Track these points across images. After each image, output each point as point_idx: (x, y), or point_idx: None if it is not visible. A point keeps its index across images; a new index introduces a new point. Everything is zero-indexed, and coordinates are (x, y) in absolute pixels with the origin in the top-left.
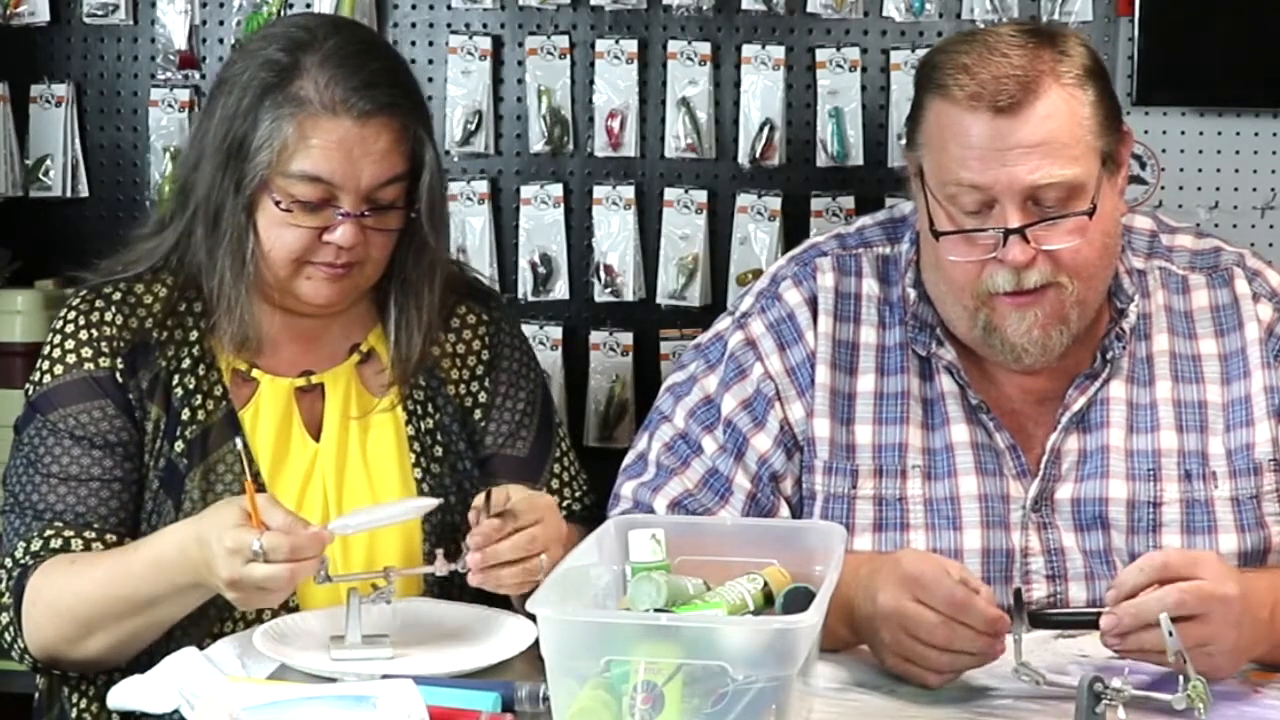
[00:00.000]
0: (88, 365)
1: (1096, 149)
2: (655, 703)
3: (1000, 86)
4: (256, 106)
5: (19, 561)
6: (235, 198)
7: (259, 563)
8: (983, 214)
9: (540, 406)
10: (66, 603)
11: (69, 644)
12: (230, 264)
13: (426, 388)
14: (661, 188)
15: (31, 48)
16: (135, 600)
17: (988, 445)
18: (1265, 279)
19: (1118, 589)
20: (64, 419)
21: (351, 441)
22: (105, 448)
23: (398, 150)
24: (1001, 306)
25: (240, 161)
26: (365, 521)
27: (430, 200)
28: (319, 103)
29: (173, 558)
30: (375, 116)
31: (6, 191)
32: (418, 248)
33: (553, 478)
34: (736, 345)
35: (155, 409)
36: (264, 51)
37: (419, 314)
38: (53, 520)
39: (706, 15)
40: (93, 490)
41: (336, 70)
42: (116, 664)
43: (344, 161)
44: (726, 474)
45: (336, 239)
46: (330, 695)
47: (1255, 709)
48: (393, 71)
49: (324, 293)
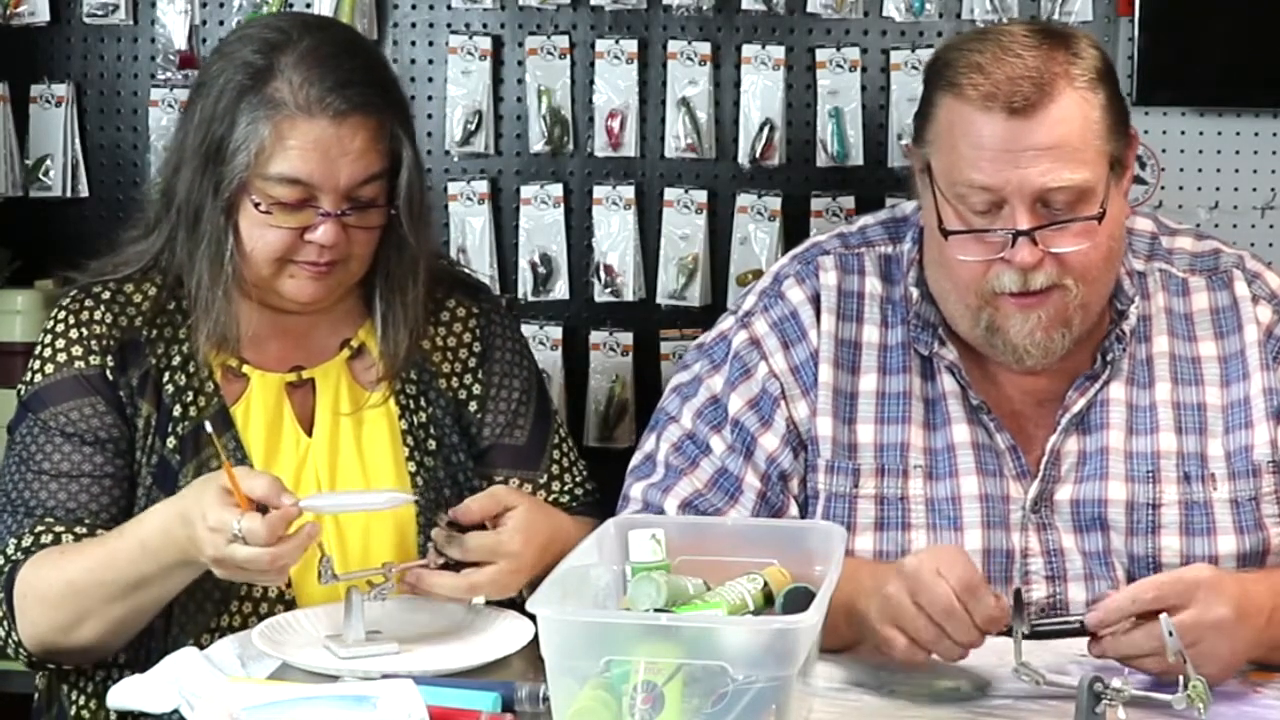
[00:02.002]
0: (78, 364)
1: (1106, 153)
2: (655, 703)
3: (1015, 88)
4: (233, 109)
5: (10, 558)
6: (214, 200)
7: (240, 544)
8: (991, 214)
9: (536, 395)
10: (57, 591)
11: (62, 632)
12: (208, 266)
13: (418, 382)
14: (661, 188)
15: (31, 48)
16: (124, 582)
17: (988, 446)
18: (1264, 281)
19: (1104, 613)
20: (54, 417)
21: (345, 436)
22: (96, 444)
23: (375, 149)
24: (1006, 307)
25: (218, 165)
26: (338, 504)
27: (409, 197)
28: (294, 104)
29: (158, 538)
30: (351, 115)
31: (6, 191)
32: (398, 244)
33: (552, 464)
34: (741, 344)
35: (146, 406)
36: (239, 53)
37: (404, 309)
38: (44, 516)
39: (706, 15)
40: (84, 486)
41: (311, 71)
42: (111, 651)
43: (321, 162)
44: (736, 473)
45: (318, 238)
46: (330, 695)
47: (1255, 709)
48: (368, 69)
49: (308, 291)
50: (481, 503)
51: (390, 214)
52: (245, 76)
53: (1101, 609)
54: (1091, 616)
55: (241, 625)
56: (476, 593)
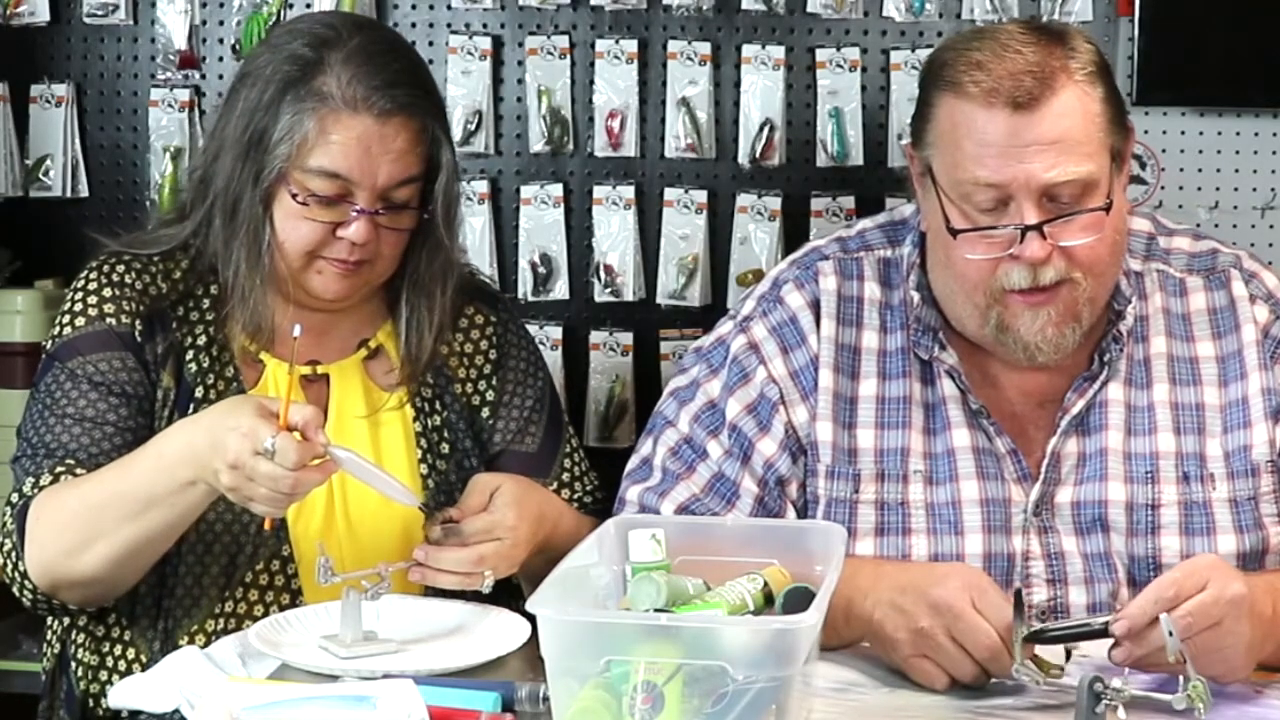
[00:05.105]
0: (109, 320)
1: (1108, 145)
2: (655, 703)
3: (1017, 83)
4: (278, 100)
5: (25, 494)
6: (253, 189)
7: (264, 459)
8: (997, 211)
9: (548, 404)
10: (70, 508)
11: (69, 556)
12: (245, 255)
13: (434, 385)
14: (661, 188)
15: (31, 48)
16: (135, 496)
17: (988, 450)
18: (1262, 280)
19: (1131, 620)
20: (83, 365)
21: (360, 436)
22: (123, 396)
23: (415, 151)
24: (1014, 305)
25: (260, 154)
26: (361, 468)
27: (446, 202)
28: (341, 99)
29: (177, 449)
30: (395, 115)
31: (6, 191)
32: (432, 248)
33: (563, 472)
34: (739, 349)
35: (167, 378)
36: (288, 46)
37: (430, 314)
38: (64, 458)
39: (706, 15)
40: (106, 435)
41: (360, 68)
42: (113, 590)
43: (362, 158)
44: (733, 478)
45: (350, 235)
46: (330, 695)
47: (1255, 709)
48: (413, 71)
49: (334, 287)
50: (472, 497)
51: (424, 218)
52: (293, 68)
53: (1127, 616)
54: (1119, 626)
55: (247, 613)
56: (484, 564)
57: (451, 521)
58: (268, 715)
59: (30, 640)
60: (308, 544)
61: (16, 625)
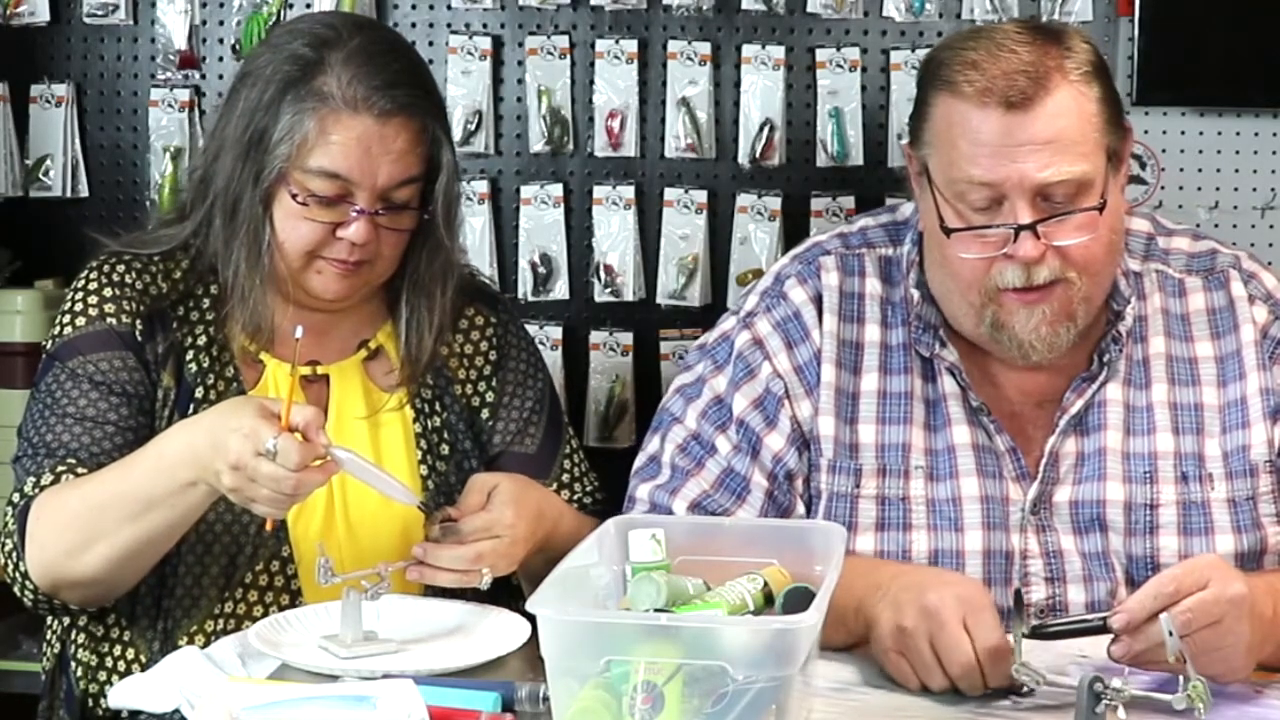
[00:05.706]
0: (110, 320)
1: (1103, 145)
2: (655, 703)
3: (1011, 82)
4: (278, 100)
5: (26, 494)
6: (253, 189)
7: (266, 460)
8: (992, 210)
9: (548, 405)
10: (71, 509)
11: (69, 556)
12: (245, 255)
13: (434, 386)
14: (661, 188)
15: (31, 48)
16: (135, 497)
17: (988, 447)
18: (1261, 281)
19: (1130, 614)
20: (84, 365)
21: (360, 437)
22: (123, 396)
23: (415, 151)
24: (1009, 303)
25: (260, 154)
26: (361, 468)
27: (446, 202)
28: (341, 99)
29: (178, 450)
30: (395, 116)
31: (6, 191)
32: (432, 249)
33: (563, 473)
34: (744, 344)
35: (167, 378)
36: (289, 46)
37: (430, 315)
38: (65, 457)
39: (706, 15)
40: (107, 434)
41: (360, 68)
42: (114, 590)
43: (362, 159)
44: (743, 473)
45: (349, 235)
46: (330, 695)
47: (1255, 709)
48: (414, 72)
49: (333, 287)
50: (470, 496)
51: (424, 218)
52: (293, 68)
53: (1126, 610)
54: (1117, 619)
55: (246, 613)
56: (482, 562)
57: (450, 520)
58: (268, 715)
59: (30, 640)
60: (308, 544)
61: (16, 625)
